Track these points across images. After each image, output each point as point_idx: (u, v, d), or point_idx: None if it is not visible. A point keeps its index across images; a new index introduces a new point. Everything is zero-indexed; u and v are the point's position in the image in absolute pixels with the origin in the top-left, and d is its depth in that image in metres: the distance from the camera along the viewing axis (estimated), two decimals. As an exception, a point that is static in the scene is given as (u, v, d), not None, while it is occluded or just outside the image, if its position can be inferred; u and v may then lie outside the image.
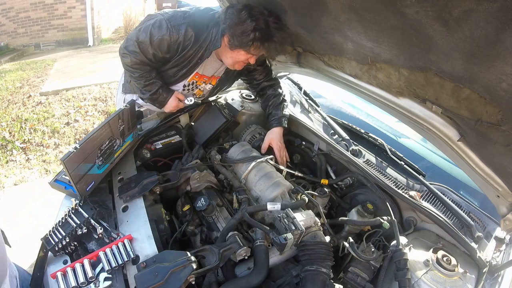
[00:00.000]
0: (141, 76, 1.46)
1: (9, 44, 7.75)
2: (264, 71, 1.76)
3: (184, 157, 1.60)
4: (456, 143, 1.10)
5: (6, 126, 3.90)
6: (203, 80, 1.63)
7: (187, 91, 1.66)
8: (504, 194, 1.11)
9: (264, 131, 1.79)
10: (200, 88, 1.68)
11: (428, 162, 1.75)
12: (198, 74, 1.58)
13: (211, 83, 1.69)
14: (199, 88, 1.68)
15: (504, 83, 0.72)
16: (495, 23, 0.62)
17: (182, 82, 1.58)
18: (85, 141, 1.13)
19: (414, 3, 0.73)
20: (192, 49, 1.42)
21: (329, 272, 1.03)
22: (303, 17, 1.30)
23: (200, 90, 1.70)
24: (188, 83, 1.60)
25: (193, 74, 1.55)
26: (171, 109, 1.61)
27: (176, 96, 1.57)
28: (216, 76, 1.66)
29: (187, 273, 0.92)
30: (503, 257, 1.17)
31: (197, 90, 1.69)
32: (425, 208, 1.24)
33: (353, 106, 2.24)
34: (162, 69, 1.53)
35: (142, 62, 1.42)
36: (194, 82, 1.62)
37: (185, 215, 1.35)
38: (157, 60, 1.45)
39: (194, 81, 1.61)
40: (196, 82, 1.62)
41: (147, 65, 1.45)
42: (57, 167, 3.21)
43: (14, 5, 7.40)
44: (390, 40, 0.96)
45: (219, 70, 1.63)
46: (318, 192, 1.41)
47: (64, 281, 0.93)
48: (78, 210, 1.13)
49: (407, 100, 1.20)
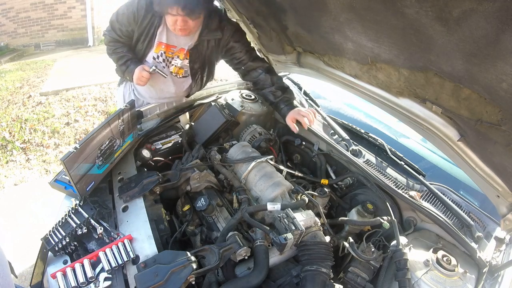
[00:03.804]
0: (114, 52, 1.67)
1: (9, 44, 7.75)
2: (244, 48, 1.73)
3: (184, 157, 1.60)
4: (456, 143, 1.10)
5: (6, 126, 3.90)
6: (170, 50, 1.67)
7: (162, 67, 1.69)
8: (504, 194, 1.11)
9: (264, 131, 1.79)
10: (175, 63, 1.71)
11: (428, 162, 1.75)
12: (163, 44, 1.63)
13: (184, 57, 1.70)
14: (174, 64, 1.71)
15: (504, 83, 0.72)
16: (495, 23, 0.62)
17: (150, 54, 1.66)
18: (85, 141, 1.12)
19: (414, 3, 0.73)
20: (147, 18, 1.54)
21: (329, 272, 1.03)
22: (303, 17, 1.30)
23: (177, 67, 1.72)
24: (156, 54, 1.65)
25: (157, 43, 1.63)
26: (138, 79, 1.62)
27: (142, 67, 1.62)
28: (184, 48, 1.67)
29: (187, 273, 0.92)
30: (503, 257, 1.16)
31: (173, 67, 1.72)
32: (425, 208, 1.24)
33: (353, 107, 2.24)
34: (133, 46, 1.68)
35: (114, 39, 1.65)
36: (163, 53, 1.66)
37: (185, 215, 1.35)
38: (125, 35, 1.63)
39: (162, 52, 1.66)
40: (164, 53, 1.66)
41: (118, 41, 1.66)
42: (57, 167, 3.21)
43: (14, 5, 7.40)
44: (390, 40, 0.96)
45: (184, 41, 1.66)
46: (318, 192, 1.41)
47: (64, 281, 0.93)
48: (78, 210, 1.13)
49: (407, 100, 1.20)
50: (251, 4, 1.57)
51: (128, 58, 1.65)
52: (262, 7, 1.51)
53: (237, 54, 1.74)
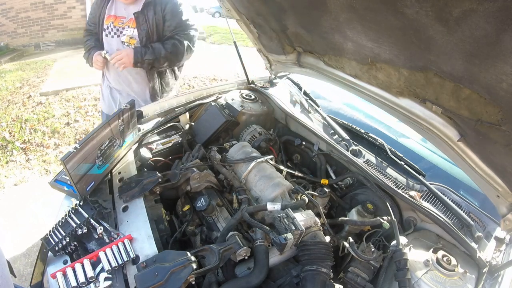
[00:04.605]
0: (84, 46, 1.91)
1: (9, 44, 7.75)
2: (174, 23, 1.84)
3: (184, 157, 1.60)
4: (456, 143, 1.10)
5: (6, 126, 3.90)
6: (120, 21, 1.81)
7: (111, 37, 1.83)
8: (504, 194, 1.11)
9: (264, 131, 1.79)
10: (126, 33, 1.82)
11: (428, 162, 1.74)
12: (111, 16, 1.83)
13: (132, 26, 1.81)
14: (126, 34, 1.82)
15: (504, 83, 0.72)
16: (495, 23, 0.62)
17: (102, 27, 1.85)
18: (85, 141, 1.12)
19: (414, 3, 0.73)
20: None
21: (329, 272, 1.03)
22: (303, 17, 1.30)
23: (128, 36, 1.83)
24: (106, 26, 1.85)
25: (106, 17, 1.83)
26: (94, 63, 1.86)
27: (98, 52, 1.83)
28: (131, 18, 1.79)
29: (187, 273, 0.91)
30: (503, 257, 1.16)
31: (125, 37, 1.83)
32: (425, 208, 1.24)
33: (353, 107, 2.24)
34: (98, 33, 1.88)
35: (88, 30, 1.92)
36: (111, 23, 1.81)
37: (185, 215, 1.35)
38: (92, 22, 1.88)
39: (111, 22, 1.81)
40: (113, 23, 1.81)
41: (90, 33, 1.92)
42: (57, 167, 3.21)
43: (14, 5, 7.40)
44: (390, 40, 0.96)
45: (133, 10, 1.77)
46: (318, 192, 1.41)
47: (64, 281, 0.93)
48: (78, 210, 1.12)
49: (407, 100, 1.20)
50: (251, 4, 1.57)
51: (91, 47, 1.88)
52: (262, 7, 1.51)
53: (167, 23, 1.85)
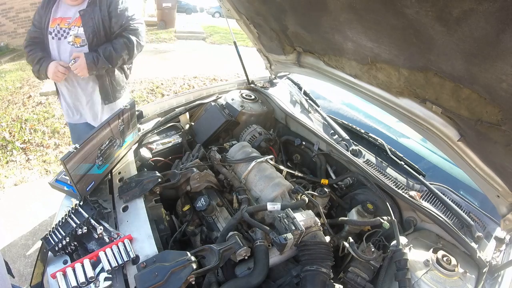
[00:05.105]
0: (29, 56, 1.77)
1: (9, 44, 7.74)
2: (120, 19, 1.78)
3: (184, 157, 1.60)
4: (456, 143, 1.10)
5: (6, 126, 3.90)
6: (66, 22, 1.75)
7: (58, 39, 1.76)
8: (504, 194, 1.11)
9: (264, 131, 1.79)
10: (73, 33, 1.76)
11: (428, 162, 1.74)
12: (57, 19, 1.75)
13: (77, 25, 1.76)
14: (72, 34, 1.76)
15: (504, 83, 0.72)
16: (495, 23, 0.62)
17: (48, 31, 1.75)
18: (85, 141, 1.12)
19: (414, 3, 0.73)
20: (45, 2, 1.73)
21: (329, 272, 1.03)
22: (303, 17, 1.30)
23: (74, 35, 1.77)
24: (52, 29, 1.75)
25: (52, 20, 1.75)
26: (54, 73, 1.71)
27: (58, 62, 1.73)
28: (76, 17, 1.75)
29: (187, 273, 0.91)
30: (503, 257, 1.17)
31: (71, 36, 1.76)
32: (425, 208, 1.24)
33: (353, 107, 2.24)
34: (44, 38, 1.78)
35: (31, 37, 1.79)
36: (57, 25, 1.75)
37: (185, 215, 1.35)
38: (38, 27, 1.77)
39: (57, 24, 1.75)
40: (59, 25, 1.75)
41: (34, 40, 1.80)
42: (57, 167, 3.21)
43: (14, 5, 7.39)
44: (390, 40, 0.96)
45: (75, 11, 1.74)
46: (318, 192, 1.41)
47: (64, 281, 0.93)
48: (78, 210, 1.12)
49: (407, 100, 1.20)
50: (251, 4, 1.57)
51: (40, 57, 1.74)
52: (262, 7, 1.51)
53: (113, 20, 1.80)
